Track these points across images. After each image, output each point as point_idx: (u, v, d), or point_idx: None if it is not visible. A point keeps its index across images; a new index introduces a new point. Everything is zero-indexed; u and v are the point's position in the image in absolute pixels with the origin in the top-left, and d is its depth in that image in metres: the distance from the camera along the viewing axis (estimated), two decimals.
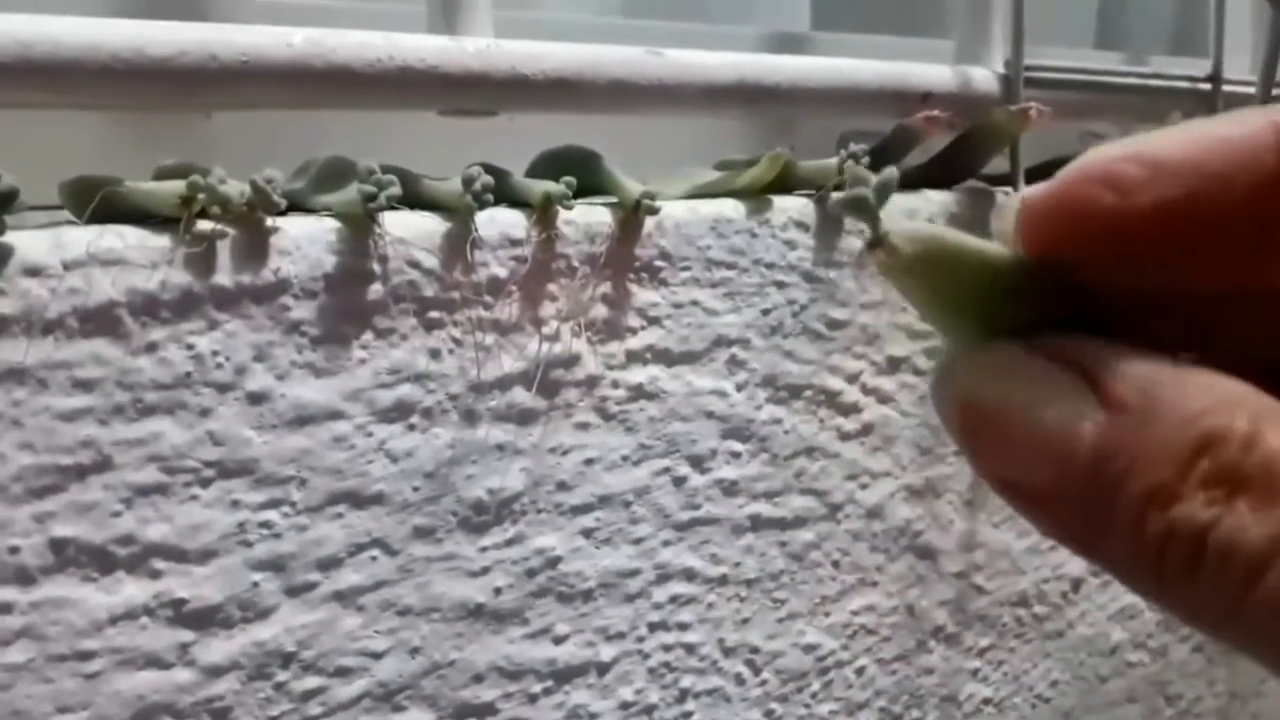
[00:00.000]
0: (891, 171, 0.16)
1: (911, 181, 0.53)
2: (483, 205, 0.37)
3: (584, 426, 0.40)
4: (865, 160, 0.47)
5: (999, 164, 0.55)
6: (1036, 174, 0.58)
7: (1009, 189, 0.55)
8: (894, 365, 0.50)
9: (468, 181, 0.37)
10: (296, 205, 0.36)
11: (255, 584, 0.34)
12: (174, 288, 0.32)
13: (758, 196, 0.45)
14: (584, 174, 0.41)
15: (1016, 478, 0.15)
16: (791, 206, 0.45)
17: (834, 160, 0.46)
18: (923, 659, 0.52)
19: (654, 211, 0.41)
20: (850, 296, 0.47)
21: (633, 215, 0.41)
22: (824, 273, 0.46)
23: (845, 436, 0.48)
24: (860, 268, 0.47)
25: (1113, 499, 0.14)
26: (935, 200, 0.51)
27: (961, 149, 0.53)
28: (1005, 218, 0.17)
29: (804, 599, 0.47)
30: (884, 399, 0.50)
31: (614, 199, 0.41)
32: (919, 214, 0.50)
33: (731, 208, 0.44)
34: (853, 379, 0.48)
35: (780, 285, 0.45)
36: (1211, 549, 0.14)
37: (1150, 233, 0.15)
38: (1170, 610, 0.15)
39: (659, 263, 0.42)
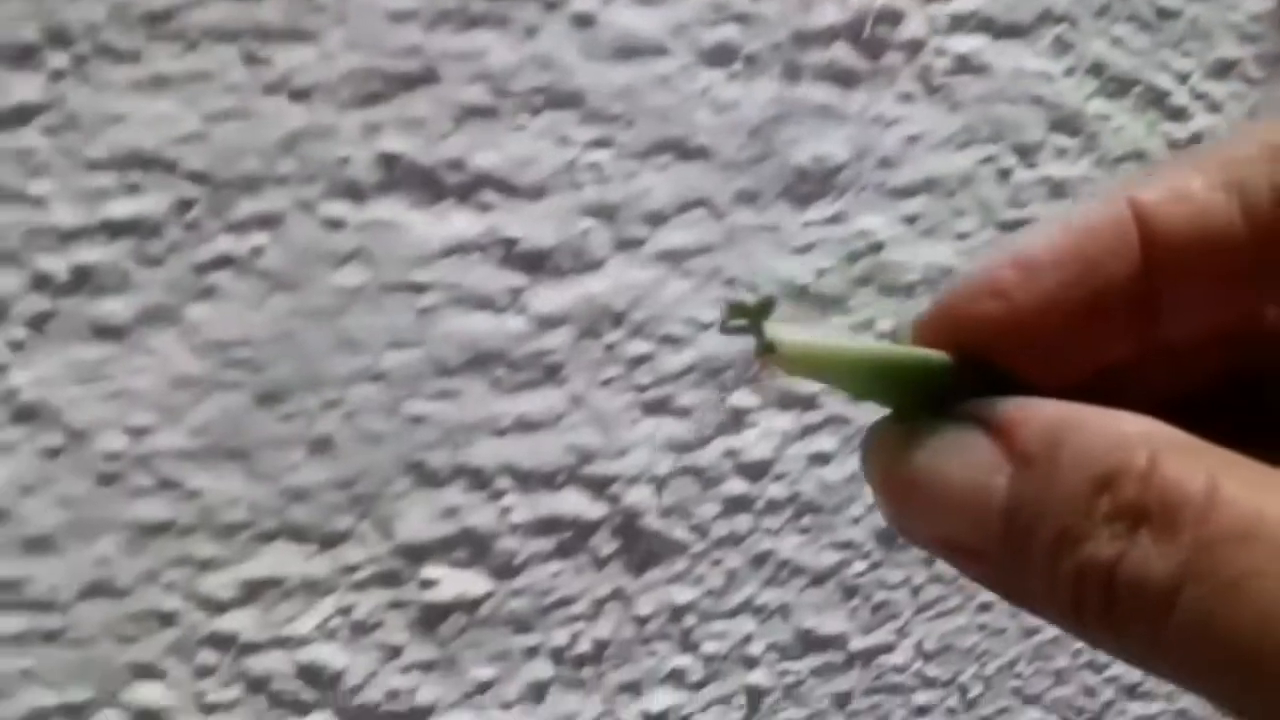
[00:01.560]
0: (770, 295, 0.17)
1: None
2: None
3: (907, 97, 0.36)
4: None
5: None
6: None
7: None
8: (1224, 69, 0.44)
9: None
10: None
11: (585, 231, 0.30)
12: None
13: None
14: None
15: (946, 539, 0.16)
16: None
17: None
18: None
19: None
20: None
21: None
22: None
23: (1173, 145, 0.43)
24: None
25: (1028, 548, 0.14)
26: None
27: None
28: (903, 336, 0.17)
29: None
30: (1213, 107, 0.44)
31: None
32: None
33: None
34: (1182, 79, 0.42)
35: None
36: (1120, 584, 0.14)
37: (1034, 329, 0.16)
38: (1103, 650, 0.15)
39: None
